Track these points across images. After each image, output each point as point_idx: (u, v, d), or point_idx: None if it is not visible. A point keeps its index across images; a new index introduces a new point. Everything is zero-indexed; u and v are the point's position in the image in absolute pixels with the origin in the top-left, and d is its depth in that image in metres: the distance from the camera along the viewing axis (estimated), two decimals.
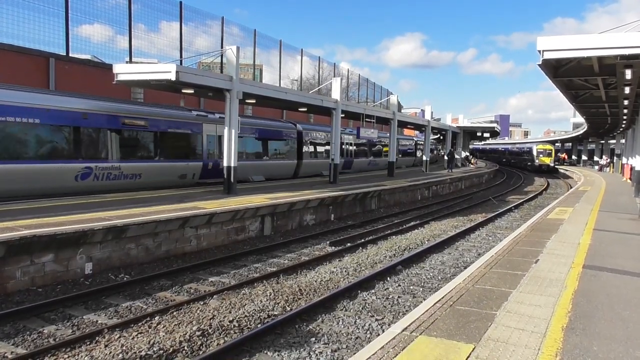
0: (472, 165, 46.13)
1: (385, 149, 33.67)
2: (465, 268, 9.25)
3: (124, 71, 13.55)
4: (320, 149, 25.92)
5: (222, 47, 22.41)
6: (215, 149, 18.28)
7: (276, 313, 7.39)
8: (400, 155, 39.28)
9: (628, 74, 12.19)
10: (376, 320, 7.25)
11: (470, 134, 47.14)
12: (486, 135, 48.68)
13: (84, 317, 7.20)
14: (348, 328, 6.93)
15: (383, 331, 6.36)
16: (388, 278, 9.55)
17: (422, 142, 38.98)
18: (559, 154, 64.16)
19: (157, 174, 16.15)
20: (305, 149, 24.25)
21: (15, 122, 12.45)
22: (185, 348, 6.05)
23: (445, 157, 37.66)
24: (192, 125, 17.53)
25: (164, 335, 6.36)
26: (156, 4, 20.30)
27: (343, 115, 22.46)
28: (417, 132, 50.08)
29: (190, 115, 17.73)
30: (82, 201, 12.36)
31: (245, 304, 7.68)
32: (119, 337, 6.36)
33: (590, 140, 62.00)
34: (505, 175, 46.88)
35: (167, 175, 16.41)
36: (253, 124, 20.72)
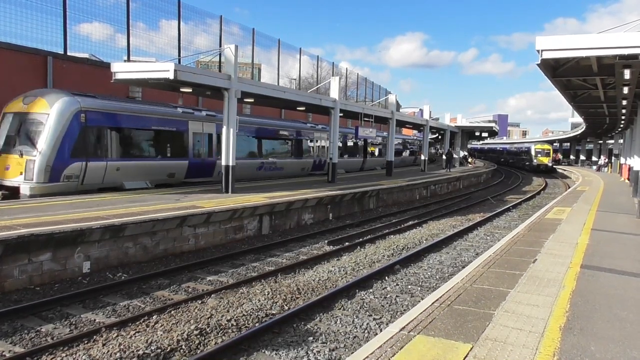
0: (470, 165, 46.16)
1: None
2: (463, 267, 9.26)
3: (121, 70, 13.50)
4: (375, 149, 34.69)
5: (220, 46, 22.37)
6: (320, 150, 25.75)
7: (274, 312, 7.39)
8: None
9: (627, 74, 12.18)
10: (374, 319, 7.25)
11: (469, 133, 47.10)
12: (484, 134, 48.64)
13: (82, 315, 7.19)
14: (346, 327, 6.93)
15: (381, 330, 6.37)
16: (386, 277, 9.55)
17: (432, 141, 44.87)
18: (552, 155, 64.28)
19: (290, 167, 23.12)
20: (368, 149, 32.53)
21: (239, 135, 18.04)
22: (183, 347, 6.05)
23: (444, 157, 37.67)
24: (308, 134, 24.81)
25: (161, 334, 6.36)
26: (156, 2, 20.23)
27: (341, 115, 22.46)
28: (415, 132, 50.09)
29: (307, 126, 25.14)
30: (80, 200, 12.34)
31: (243, 303, 7.68)
32: (117, 336, 6.35)
33: (588, 140, 62.12)
34: (503, 175, 46.93)
35: (295, 169, 23.36)
36: (341, 132, 26.39)
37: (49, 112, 12.92)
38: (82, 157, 13.39)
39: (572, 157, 72.38)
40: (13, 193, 12.63)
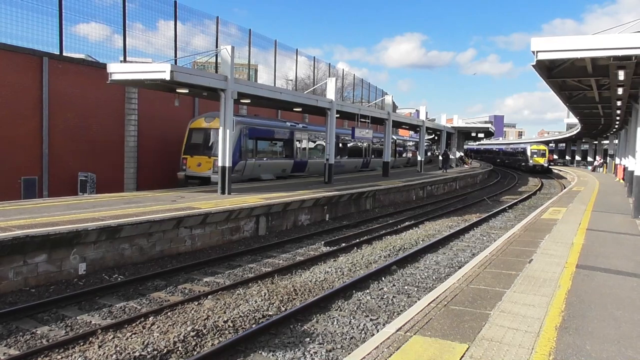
0: (466, 166, 46.29)
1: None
2: (459, 268, 9.28)
3: (117, 70, 13.45)
4: (401, 150, 41.64)
5: (217, 47, 22.35)
6: (365, 151, 32.43)
7: (271, 313, 7.38)
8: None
9: (621, 75, 12.24)
10: (371, 320, 7.26)
11: (465, 134, 47.23)
12: (480, 135, 48.73)
13: (78, 317, 7.17)
14: (343, 328, 6.93)
15: (377, 331, 6.37)
16: (383, 278, 9.56)
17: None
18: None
19: (349, 165, 29.83)
20: (397, 149, 38.44)
21: (339, 143, 26.78)
22: (180, 348, 6.03)
23: (440, 158, 37.79)
24: (361, 140, 30.66)
25: (158, 336, 6.34)
26: (153, 3, 20.16)
27: (338, 116, 22.48)
28: (411, 133, 50.18)
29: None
30: (77, 201, 12.31)
31: (240, 304, 7.67)
32: (113, 337, 6.33)
33: (583, 140, 62.36)
34: (499, 176, 47.07)
35: (351, 167, 30.09)
36: (377, 136, 30.90)
37: None
38: (244, 158, 19.29)
39: (567, 157, 72.66)
40: (203, 181, 17.75)
